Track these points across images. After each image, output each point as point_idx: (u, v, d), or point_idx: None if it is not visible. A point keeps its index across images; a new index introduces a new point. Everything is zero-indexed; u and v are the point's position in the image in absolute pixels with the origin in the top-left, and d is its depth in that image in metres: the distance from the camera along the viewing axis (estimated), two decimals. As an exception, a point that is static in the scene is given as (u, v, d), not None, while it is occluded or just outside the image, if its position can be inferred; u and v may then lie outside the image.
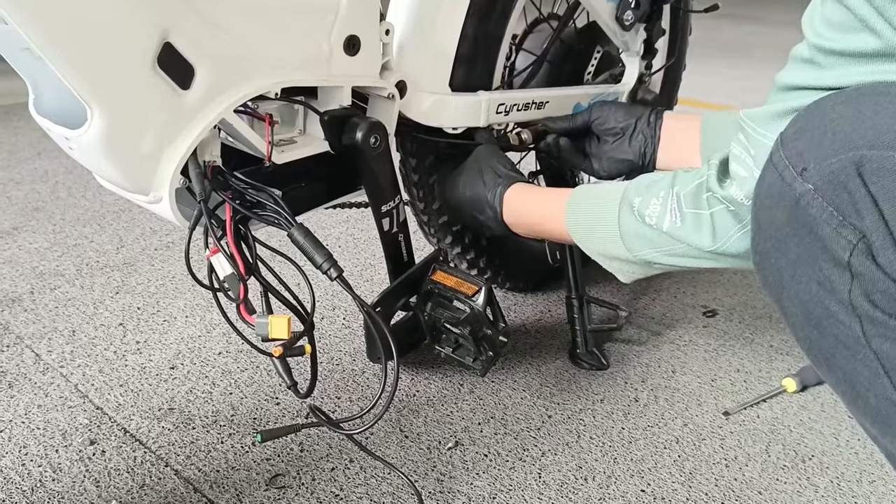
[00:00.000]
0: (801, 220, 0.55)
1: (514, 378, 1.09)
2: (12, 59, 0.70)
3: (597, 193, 0.89)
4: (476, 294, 0.93)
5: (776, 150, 0.58)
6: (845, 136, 0.53)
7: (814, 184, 0.54)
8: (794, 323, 0.61)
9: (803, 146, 0.55)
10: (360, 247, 1.51)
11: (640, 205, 0.81)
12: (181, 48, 0.68)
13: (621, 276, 0.90)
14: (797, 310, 0.59)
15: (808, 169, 0.54)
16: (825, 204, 0.53)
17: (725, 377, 1.11)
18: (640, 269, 0.87)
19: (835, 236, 0.53)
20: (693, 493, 0.89)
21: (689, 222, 0.76)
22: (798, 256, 0.57)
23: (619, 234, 0.84)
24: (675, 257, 0.80)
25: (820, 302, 0.56)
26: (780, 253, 0.59)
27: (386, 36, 0.88)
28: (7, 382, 1.03)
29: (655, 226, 0.79)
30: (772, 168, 0.58)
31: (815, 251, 0.55)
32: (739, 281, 1.41)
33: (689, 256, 0.78)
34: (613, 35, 1.21)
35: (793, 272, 0.58)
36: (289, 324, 0.74)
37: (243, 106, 0.78)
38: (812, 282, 0.56)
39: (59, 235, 1.50)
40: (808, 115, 0.58)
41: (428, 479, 0.89)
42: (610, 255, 0.87)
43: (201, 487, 0.86)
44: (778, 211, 0.58)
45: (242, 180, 0.79)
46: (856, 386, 0.58)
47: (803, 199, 0.54)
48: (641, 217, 0.81)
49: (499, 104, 1.06)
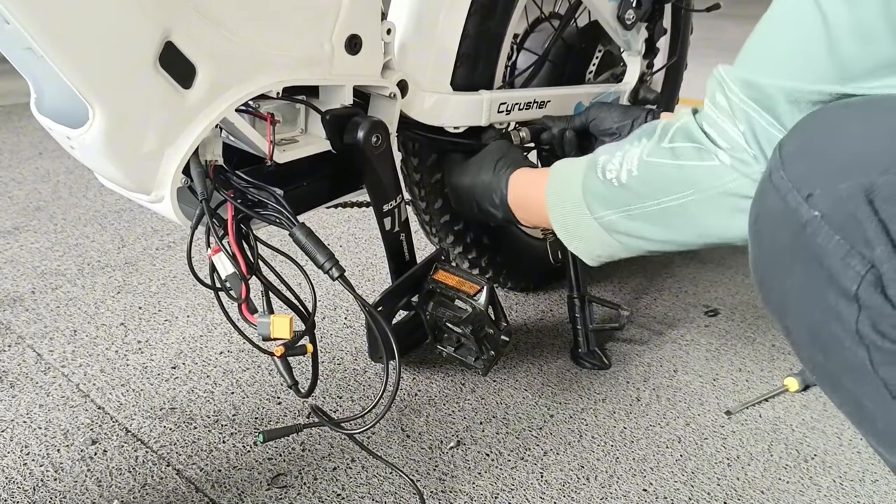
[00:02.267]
0: (807, 247, 0.52)
1: (516, 377, 1.09)
2: (14, 58, 0.70)
3: (574, 160, 0.88)
4: (478, 293, 0.93)
5: (776, 169, 0.56)
6: (855, 159, 0.50)
7: (820, 210, 0.51)
8: (799, 343, 0.59)
9: (807, 168, 0.53)
10: (361, 246, 1.51)
11: (604, 161, 0.80)
12: (183, 47, 0.68)
13: (585, 257, 0.88)
14: (802, 331, 0.57)
15: (813, 195, 0.52)
16: (832, 232, 0.51)
17: (727, 376, 1.11)
18: (603, 245, 0.84)
19: (842, 267, 0.51)
20: (695, 492, 0.89)
21: (647, 171, 0.74)
22: (803, 282, 0.54)
23: (582, 196, 0.82)
24: (633, 221, 0.77)
25: (826, 327, 0.54)
26: (784, 275, 0.57)
27: (387, 35, 0.88)
28: (9, 382, 1.03)
29: (615, 181, 0.77)
30: (773, 190, 0.56)
31: (821, 280, 0.52)
32: (741, 281, 1.41)
33: (645, 220, 0.76)
34: (615, 34, 1.21)
35: (798, 295, 0.56)
36: (291, 323, 0.74)
37: (245, 105, 0.78)
38: (817, 309, 0.54)
39: (60, 235, 1.50)
40: (811, 130, 0.55)
41: (430, 478, 0.89)
42: (574, 229, 0.85)
43: (203, 487, 0.86)
44: (782, 234, 0.55)
45: (244, 179, 0.79)
46: (862, 409, 0.56)
47: (809, 226, 0.52)
48: (603, 174, 0.79)
49: (500, 103, 1.06)
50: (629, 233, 0.80)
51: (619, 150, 0.79)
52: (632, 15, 1.18)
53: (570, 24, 1.23)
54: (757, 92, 0.64)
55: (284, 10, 0.77)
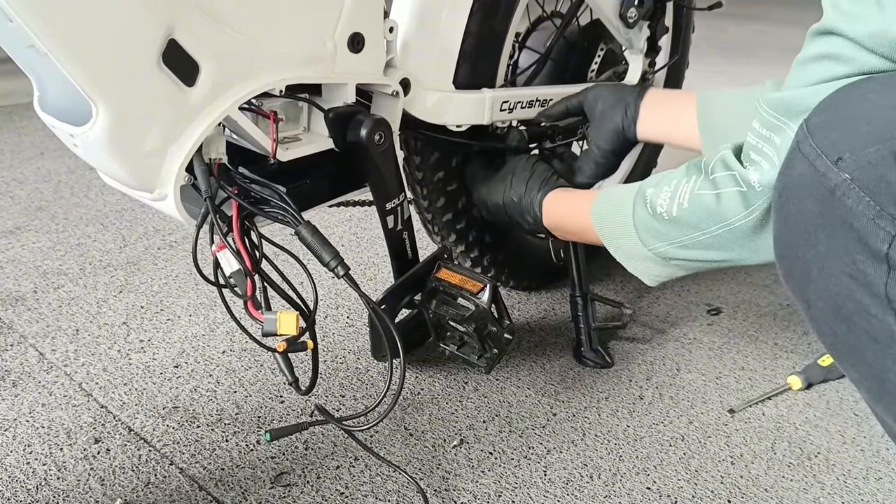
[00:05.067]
0: (836, 211, 0.53)
1: (519, 376, 1.09)
2: (17, 56, 0.70)
3: (618, 191, 0.90)
4: (481, 291, 0.93)
5: (804, 139, 0.57)
6: (884, 124, 0.51)
7: (850, 173, 0.52)
8: (820, 318, 0.59)
9: (837, 135, 0.54)
10: (362, 245, 1.51)
11: (652, 195, 0.81)
12: (186, 45, 0.68)
13: (646, 279, 0.90)
14: (824, 304, 0.58)
15: (843, 158, 0.52)
16: (862, 194, 0.51)
17: (730, 375, 1.11)
18: (661, 268, 0.86)
19: (872, 228, 0.51)
20: (699, 490, 0.89)
21: (695, 203, 0.75)
22: (829, 249, 0.55)
23: (633, 228, 0.84)
24: (687, 249, 0.79)
25: (851, 296, 0.54)
26: (808, 246, 0.57)
27: (389, 33, 0.88)
28: (11, 381, 1.03)
29: (666, 214, 0.79)
30: (801, 157, 0.57)
31: (849, 243, 0.53)
32: (743, 279, 1.41)
33: (699, 248, 0.78)
34: (617, 32, 1.21)
35: (822, 265, 0.56)
36: (297, 320, 0.74)
37: (248, 103, 0.78)
38: (843, 275, 0.54)
39: (62, 235, 1.50)
40: (837, 103, 0.56)
41: (433, 476, 0.89)
42: (631, 255, 0.87)
43: (206, 485, 0.86)
44: (808, 202, 0.56)
45: (247, 177, 0.79)
46: (884, 382, 0.56)
47: (838, 189, 0.53)
48: (653, 208, 0.80)
49: (503, 101, 1.06)
50: (685, 258, 0.81)
51: (665, 184, 0.80)
52: (634, 13, 1.18)
53: (571, 23, 1.23)
54: (786, 104, 0.65)
55: (287, 7, 0.77)
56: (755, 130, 0.69)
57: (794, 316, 1.28)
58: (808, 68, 0.63)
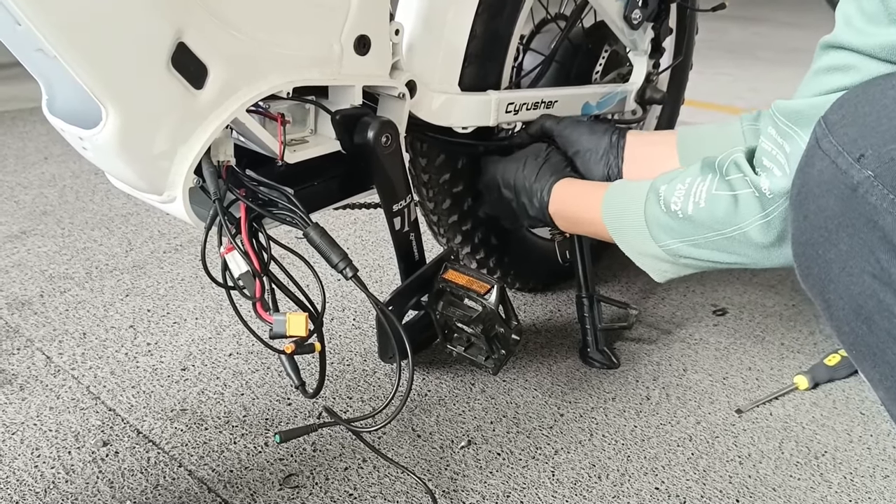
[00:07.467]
0: (858, 209, 0.53)
1: (526, 377, 1.09)
2: (25, 59, 0.70)
3: (631, 184, 0.90)
4: (488, 292, 0.93)
5: (823, 136, 0.56)
6: None
7: (873, 170, 0.52)
8: (840, 317, 0.59)
9: (856, 132, 0.54)
10: (368, 248, 1.51)
11: (665, 192, 0.81)
12: (195, 48, 0.69)
13: (654, 274, 0.89)
14: (845, 303, 0.57)
15: (865, 156, 0.52)
16: (886, 191, 0.51)
17: (737, 375, 1.11)
18: (671, 266, 0.86)
19: None
20: (707, 490, 0.89)
21: (712, 203, 0.75)
22: (851, 248, 0.55)
23: (645, 224, 0.84)
24: (699, 248, 0.79)
25: (873, 295, 0.54)
26: (829, 244, 0.57)
27: (395, 36, 0.89)
28: (18, 385, 1.04)
29: (680, 212, 0.79)
30: (821, 154, 0.56)
31: (872, 241, 0.53)
32: (748, 279, 1.41)
33: (711, 248, 0.78)
34: (621, 34, 1.21)
35: (843, 264, 0.56)
36: (307, 321, 0.74)
37: (255, 105, 0.78)
38: (865, 274, 0.54)
39: (67, 239, 1.50)
40: (855, 100, 0.56)
41: (441, 477, 0.89)
42: (640, 250, 0.87)
43: (215, 487, 0.86)
44: (829, 200, 0.56)
45: (255, 179, 0.80)
46: None
47: (861, 186, 0.52)
48: (667, 205, 0.80)
49: (508, 103, 1.06)
50: (696, 257, 0.81)
51: (679, 181, 0.80)
52: (638, 15, 1.18)
53: (576, 25, 1.24)
54: (797, 113, 0.65)
55: (294, 10, 0.77)
56: (771, 137, 0.69)
57: (800, 316, 1.28)
58: (818, 79, 0.64)
